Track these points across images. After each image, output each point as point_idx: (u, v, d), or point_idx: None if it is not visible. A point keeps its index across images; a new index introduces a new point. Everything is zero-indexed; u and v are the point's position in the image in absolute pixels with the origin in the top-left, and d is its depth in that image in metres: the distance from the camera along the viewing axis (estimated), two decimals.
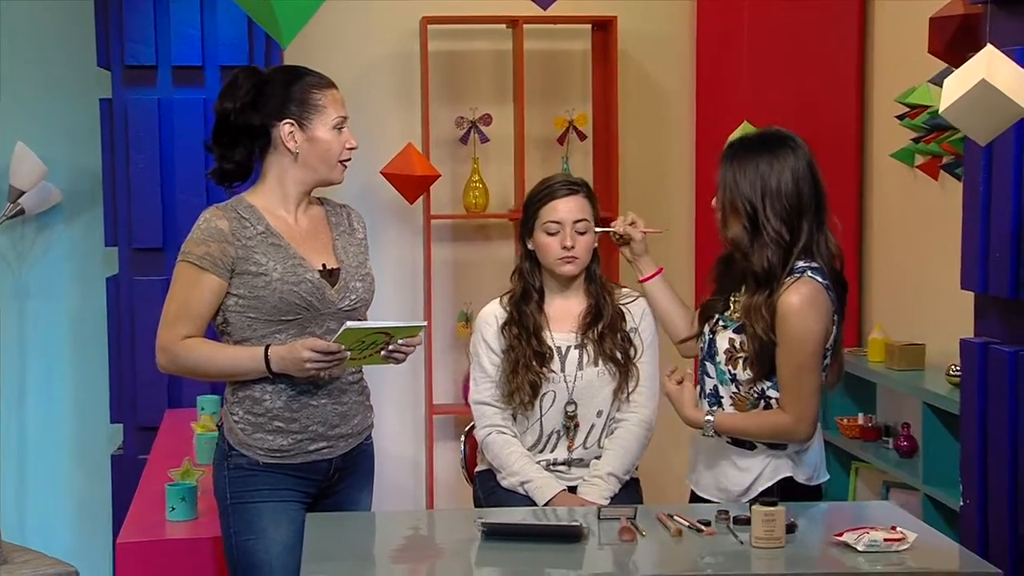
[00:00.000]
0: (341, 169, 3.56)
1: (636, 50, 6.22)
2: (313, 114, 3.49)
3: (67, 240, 6.13)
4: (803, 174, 3.57)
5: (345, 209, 3.70)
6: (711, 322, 3.72)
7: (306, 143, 3.49)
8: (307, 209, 3.59)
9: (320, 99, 3.49)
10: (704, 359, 3.71)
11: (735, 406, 3.64)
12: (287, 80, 3.51)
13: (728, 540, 3.22)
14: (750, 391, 3.62)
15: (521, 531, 3.25)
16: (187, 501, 3.91)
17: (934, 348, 5.26)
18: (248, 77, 3.53)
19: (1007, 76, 2.88)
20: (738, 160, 3.58)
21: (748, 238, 3.57)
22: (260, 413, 3.47)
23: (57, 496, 6.14)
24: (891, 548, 3.10)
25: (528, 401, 3.90)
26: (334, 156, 3.52)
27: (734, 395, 3.64)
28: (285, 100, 3.49)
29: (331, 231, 3.61)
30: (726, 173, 3.59)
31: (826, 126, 5.93)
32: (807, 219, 3.56)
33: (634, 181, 6.12)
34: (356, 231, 3.66)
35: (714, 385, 3.67)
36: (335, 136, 3.51)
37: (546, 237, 3.91)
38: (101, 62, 5.66)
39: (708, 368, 3.69)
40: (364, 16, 6.08)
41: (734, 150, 3.63)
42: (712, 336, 3.68)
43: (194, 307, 3.44)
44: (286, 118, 3.47)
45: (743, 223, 3.57)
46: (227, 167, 3.54)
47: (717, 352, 3.65)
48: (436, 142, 6.08)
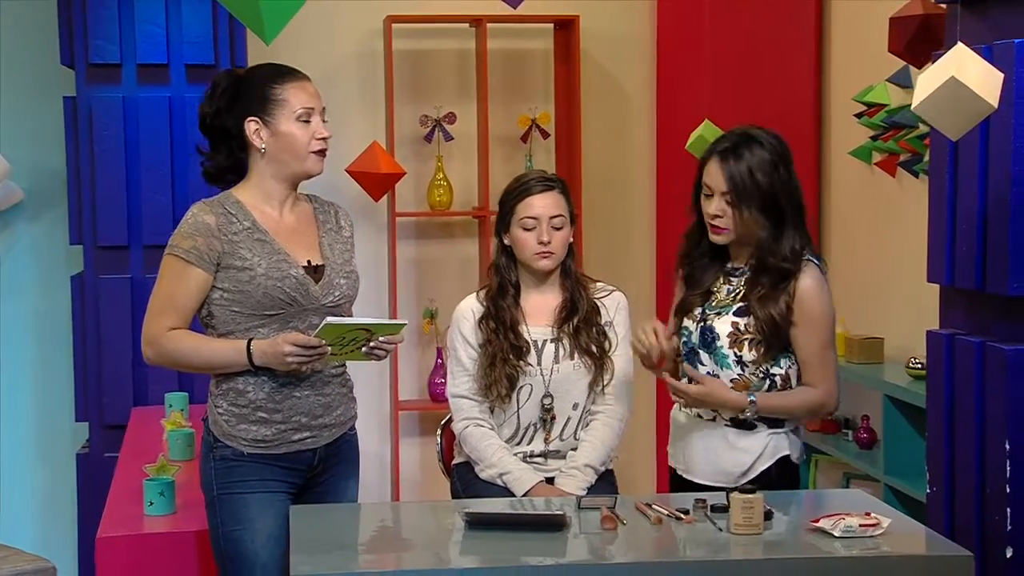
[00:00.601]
0: (315, 159, 3.57)
1: (598, 49, 6.29)
2: (275, 108, 3.52)
3: (29, 239, 6.11)
4: (791, 164, 3.73)
5: (333, 207, 3.74)
6: (693, 314, 3.79)
7: (271, 139, 3.53)
8: (294, 206, 3.63)
9: (279, 93, 3.52)
10: (694, 349, 3.78)
11: (733, 386, 3.73)
12: (251, 78, 3.56)
13: (707, 527, 3.29)
14: (756, 371, 3.72)
15: (504, 520, 3.30)
16: (165, 496, 3.93)
17: (892, 342, 5.36)
18: (224, 79, 3.58)
19: (976, 73, 2.96)
20: (746, 158, 3.66)
21: (771, 231, 3.68)
22: (243, 404, 3.50)
23: (20, 495, 6.11)
24: (866, 533, 3.18)
25: (505, 394, 3.95)
26: (301, 148, 3.53)
27: (736, 378, 3.73)
28: (249, 98, 3.53)
29: (318, 228, 3.65)
30: (736, 172, 3.65)
31: (785, 124, 5.91)
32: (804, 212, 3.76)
33: (596, 179, 6.19)
34: (343, 229, 3.70)
35: (709, 372, 3.75)
36: (301, 128, 3.52)
37: (523, 233, 3.96)
38: (65, 60, 5.65)
39: (701, 356, 3.77)
40: (329, 15, 6.10)
41: (735, 150, 3.68)
42: (704, 324, 3.76)
43: (180, 300, 3.48)
44: (250, 116, 3.51)
45: (764, 218, 3.67)
46: (211, 169, 3.59)
47: (717, 338, 3.73)
48: (400, 140, 6.12)
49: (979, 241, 3.57)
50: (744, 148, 3.68)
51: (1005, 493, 3.48)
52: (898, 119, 5.31)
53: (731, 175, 3.65)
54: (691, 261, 3.85)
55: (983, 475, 3.58)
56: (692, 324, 3.79)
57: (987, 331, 3.63)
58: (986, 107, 2.97)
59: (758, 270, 3.73)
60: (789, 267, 3.69)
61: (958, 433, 3.70)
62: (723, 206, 3.69)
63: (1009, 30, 3.50)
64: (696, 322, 3.78)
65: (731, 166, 3.66)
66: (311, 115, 3.54)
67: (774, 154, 3.68)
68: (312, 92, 3.57)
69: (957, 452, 3.71)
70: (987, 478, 3.57)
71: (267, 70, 3.59)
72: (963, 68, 2.95)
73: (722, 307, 3.76)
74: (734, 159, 3.66)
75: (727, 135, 3.79)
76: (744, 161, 3.66)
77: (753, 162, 3.65)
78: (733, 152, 3.68)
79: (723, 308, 3.75)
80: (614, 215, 6.30)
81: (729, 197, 3.67)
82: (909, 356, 5.00)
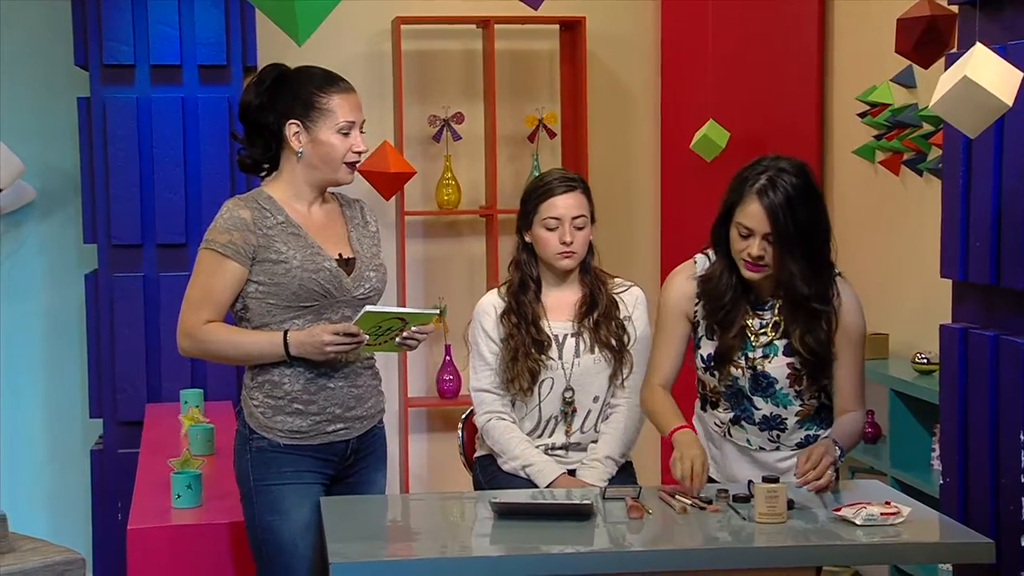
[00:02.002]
0: (347, 171, 3.64)
1: (603, 50, 6.36)
2: (318, 117, 3.58)
3: (41, 238, 6.16)
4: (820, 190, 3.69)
5: (358, 203, 3.81)
6: (737, 361, 3.70)
7: (310, 144, 3.59)
8: (323, 203, 3.70)
9: (326, 103, 3.58)
10: (742, 393, 3.73)
11: (799, 417, 3.73)
12: (300, 80, 3.61)
13: (732, 517, 3.37)
14: (812, 395, 3.73)
15: (531, 510, 3.37)
16: (193, 489, 3.99)
17: (897, 337, 5.45)
18: (270, 73, 3.63)
19: (993, 72, 3.04)
20: (784, 194, 3.54)
21: (809, 270, 3.60)
22: (279, 396, 3.57)
23: (34, 491, 6.16)
24: (887, 521, 3.26)
25: (527, 388, 4.03)
26: (337, 159, 3.61)
27: (800, 410, 3.73)
28: (293, 101, 3.59)
29: (346, 223, 3.72)
30: (778, 211, 3.53)
31: (789, 124, 6.12)
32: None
33: (602, 178, 6.26)
34: (369, 224, 3.77)
35: (766, 415, 3.73)
36: (340, 140, 3.59)
37: (545, 232, 4.03)
38: (79, 61, 5.71)
39: (755, 401, 3.72)
40: (338, 16, 6.03)
41: (772, 187, 3.55)
42: (755, 371, 3.69)
43: (216, 293, 3.54)
44: (292, 118, 3.58)
45: (802, 254, 3.58)
46: (247, 160, 3.66)
47: (775, 382, 3.69)
48: (409, 140, 6.19)
49: (993, 236, 3.65)
50: (781, 183, 3.55)
51: (1020, 483, 3.55)
52: (901, 118, 5.39)
53: (774, 215, 3.53)
54: (723, 305, 3.71)
55: (997, 466, 3.66)
56: (738, 371, 3.71)
57: (1001, 325, 3.71)
58: (1001, 106, 3.04)
59: (792, 304, 3.65)
60: (823, 304, 3.64)
61: (971, 425, 3.78)
62: (765, 245, 3.57)
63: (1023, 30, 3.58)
64: (744, 369, 3.70)
65: (773, 203, 3.53)
66: (352, 128, 3.61)
67: (809, 185, 3.59)
68: (356, 105, 3.64)
69: (971, 443, 3.79)
70: (1001, 468, 3.65)
71: (317, 75, 3.65)
72: (980, 67, 3.02)
73: (767, 349, 3.69)
74: (773, 195, 3.54)
75: (757, 169, 3.62)
76: (783, 196, 3.54)
77: (794, 199, 3.54)
78: (772, 188, 3.55)
79: (769, 350, 3.69)
80: (619, 214, 6.37)
81: (772, 237, 3.55)
82: (914, 351, 5.09)
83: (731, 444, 3.81)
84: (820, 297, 3.64)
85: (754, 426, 3.76)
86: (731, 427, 3.80)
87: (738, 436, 3.79)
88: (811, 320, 3.65)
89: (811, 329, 3.65)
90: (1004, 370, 3.62)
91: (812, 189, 3.61)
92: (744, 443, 3.79)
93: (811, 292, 3.62)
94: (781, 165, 3.60)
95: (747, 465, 3.77)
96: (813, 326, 3.65)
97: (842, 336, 3.68)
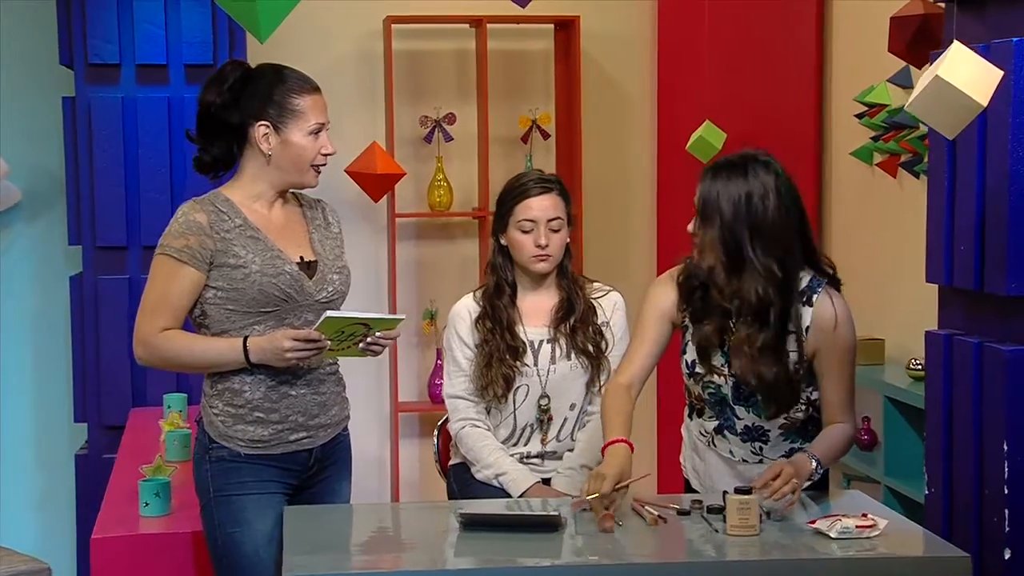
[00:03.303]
0: (314, 174, 3.56)
1: (598, 50, 6.28)
2: (290, 119, 3.49)
3: (27, 239, 6.10)
4: (786, 195, 3.50)
5: (320, 204, 3.72)
6: (721, 370, 3.59)
7: (279, 146, 3.50)
8: (283, 205, 3.61)
9: (299, 104, 3.50)
10: (729, 402, 3.61)
11: (783, 430, 3.61)
12: (270, 80, 3.51)
13: (703, 528, 3.27)
14: (796, 410, 3.59)
15: (499, 521, 3.29)
16: (161, 496, 3.92)
17: (893, 343, 5.34)
18: (233, 71, 3.53)
19: (969, 71, 2.93)
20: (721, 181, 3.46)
21: (725, 266, 3.48)
22: (240, 404, 3.48)
23: (19, 496, 6.11)
24: (863, 534, 3.16)
25: (502, 395, 3.94)
26: (306, 161, 3.52)
27: (784, 423, 3.61)
28: (264, 101, 3.49)
29: (307, 225, 3.63)
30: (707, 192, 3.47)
31: (786, 125, 6.02)
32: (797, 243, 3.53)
33: (597, 180, 6.17)
34: (331, 225, 3.69)
35: (747, 424, 3.62)
36: (310, 142, 3.51)
37: (520, 235, 3.95)
38: (63, 60, 5.64)
39: (737, 411, 3.61)
40: (328, 15, 6.10)
41: (716, 170, 3.49)
42: (736, 380, 3.56)
43: (173, 299, 3.45)
44: (262, 120, 3.48)
45: (721, 248, 3.46)
46: (206, 159, 3.56)
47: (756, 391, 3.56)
48: (400, 141, 6.11)
49: (977, 241, 3.54)
50: (727, 172, 3.48)
51: (1003, 494, 3.45)
52: (899, 119, 5.29)
53: (701, 193, 3.48)
54: (695, 296, 3.60)
55: (981, 476, 3.56)
56: (721, 379, 3.59)
57: (985, 332, 3.60)
58: (975, 105, 2.94)
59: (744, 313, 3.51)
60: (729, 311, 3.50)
61: (956, 434, 3.67)
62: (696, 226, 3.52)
63: (1006, 29, 3.48)
64: (727, 376, 3.58)
65: (705, 184, 3.48)
66: (321, 129, 3.53)
67: (761, 185, 3.45)
68: (324, 106, 3.56)
69: (955, 453, 3.68)
70: (985, 479, 3.54)
71: (287, 76, 3.54)
72: (956, 66, 2.92)
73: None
74: (711, 178, 3.49)
75: (729, 156, 3.58)
76: (719, 183, 3.47)
77: (729, 188, 3.45)
78: (713, 172, 3.50)
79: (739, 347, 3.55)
80: (614, 216, 6.28)
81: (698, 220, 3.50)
82: (910, 357, 4.98)
83: (715, 454, 3.71)
84: (740, 302, 3.48)
85: (736, 436, 3.66)
86: (715, 436, 3.70)
87: (722, 447, 3.70)
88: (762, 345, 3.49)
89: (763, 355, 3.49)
90: (988, 378, 3.52)
91: (756, 192, 3.44)
92: (727, 454, 3.69)
93: (723, 284, 3.49)
94: (749, 161, 3.49)
95: (729, 477, 3.66)
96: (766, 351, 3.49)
97: (827, 350, 3.54)
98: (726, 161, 3.53)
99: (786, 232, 3.50)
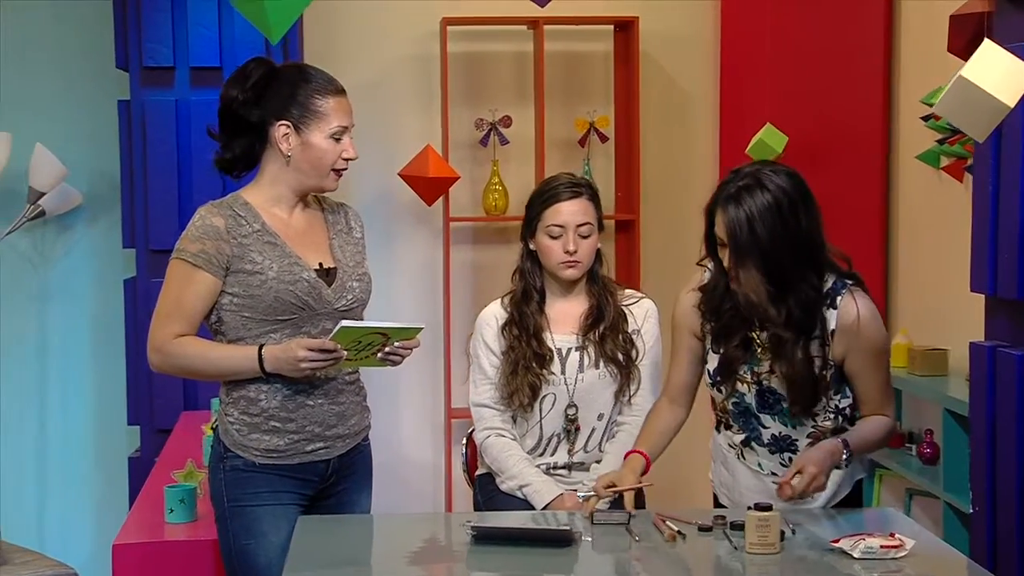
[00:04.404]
0: (334, 177, 3.47)
1: (659, 51, 6.16)
2: (312, 120, 3.41)
3: (88, 242, 6.13)
4: (805, 193, 3.35)
5: (343, 208, 3.65)
6: (744, 376, 3.48)
7: (300, 147, 3.43)
8: (304, 209, 3.54)
9: (322, 105, 3.41)
10: (754, 412, 3.51)
11: (812, 439, 3.47)
12: (293, 80, 3.43)
13: (723, 545, 3.16)
14: (825, 416, 3.47)
15: (511, 535, 3.19)
16: (186, 503, 3.88)
17: (958, 353, 5.15)
18: (257, 68, 3.45)
19: (998, 71, 2.79)
20: (746, 205, 3.29)
21: (772, 291, 3.34)
22: (256, 413, 3.42)
23: (77, 498, 6.15)
24: (888, 555, 3.02)
25: (527, 403, 3.84)
26: (327, 164, 3.44)
27: (812, 431, 3.48)
28: (287, 101, 3.42)
29: (328, 230, 3.56)
30: (736, 227, 3.29)
31: (852, 128, 5.86)
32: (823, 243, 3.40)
33: (656, 184, 6.06)
34: (353, 230, 3.61)
35: (775, 433, 3.51)
36: (331, 145, 3.43)
37: (548, 240, 3.85)
38: (120, 63, 5.66)
39: (763, 419, 3.50)
40: (384, 17, 6.05)
41: (736, 196, 3.31)
42: (761, 387, 3.46)
43: (187, 305, 3.39)
44: (283, 119, 3.41)
45: (763, 277, 3.31)
46: (226, 156, 3.50)
47: (783, 398, 3.44)
48: (456, 144, 6.03)
49: (1021, 249, 3.41)
50: (745, 192, 3.30)
51: None
52: None
53: (731, 229, 3.30)
54: (720, 316, 3.48)
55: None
56: (744, 386, 3.48)
57: None
58: (1001, 106, 2.80)
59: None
60: (788, 330, 3.36)
61: (1000, 450, 3.52)
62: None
63: None
64: (750, 384, 3.47)
65: (730, 213, 3.30)
66: (344, 133, 3.44)
67: (780, 200, 3.28)
68: (349, 109, 3.47)
69: (999, 469, 3.53)
70: None
71: (312, 76, 3.46)
72: (983, 66, 2.79)
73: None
74: (735, 208, 3.29)
75: (737, 176, 3.38)
76: (745, 211, 3.27)
77: (755, 214, 3.26)
78: (730, 198, 3.31)
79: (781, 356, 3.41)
80: (673, 222, 6.16)
81: (730, 251, 3.32)
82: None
83: (744, 467, 3.59)
84: (788, 323, 3.36)
85: (764, 448, 3.54)
86: (743, 449, 3.58)
87: (751, 459, 3.58)
88: (782, 346, 3.38)
89: (783, 355, 3.38)
90: None
91: (784, 204, 3.28)
92: (756, 467, 3.57)
93: (774, 315, 3.36)
94: (762, 173, 3.33)
95: (758, 492, 3.52)
96: (784, 352, 3.38)
97: (856, 351, 3.40)
98: (734, 183, 3.34)
99: (817, 235, 3.37)
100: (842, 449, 3.34)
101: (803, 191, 3.34)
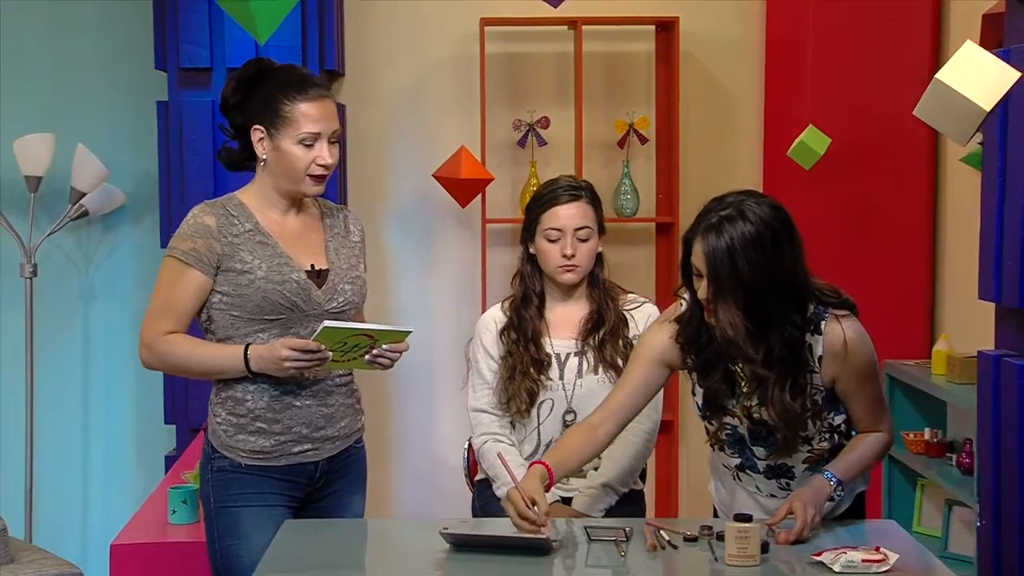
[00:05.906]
0: (312, 183, 3.42)
1: (700, 51, 6.07)
2: (282, 125, 3.39)
3: (131, 242, 6.17)
4: (785, 220, 3.18)
5: (342, 211, 3.63)
6: (733, 410, 3.36)
7: (273, 152, 3.42)
8: (300, 211, 3.53)
9: (289, 111, 3.37)
10: (747, 443, 3.39)
11: (808, 464, 3.40)
12: (272, 82, 3.42)
13: (703, 556, 3.09)
14: (820, 439, 3.36)
15: (486, 543, 3.15)
16: (188, 504, 3.89)
17: None
18: (247, 70, 3.46)
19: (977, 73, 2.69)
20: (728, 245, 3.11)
21: (751, 328, 3.17)
22: (242, 414, 3.41)
23: (118, 496, 6.19)
24: (869, 569, 2.94)
25: (525, 409, 3.80)
26: (300, 170, 3.40)
27: (808, 456, 3.39)
28: (261, 105, 3.41)
29: (324, 232, 3.54)
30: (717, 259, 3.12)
31: (898, 130, 5.73)
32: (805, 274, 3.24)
33: (697, 186, 5.97)
34: (352, 233, 3.59)
35: (775, 462, 3.41)
36: (302, 151, 3.39)
37: (547, 244, 3.80)
38: (158, 64, 5.69)
39: (756, 451, 3.38)
40: (423, 18, 6.03)
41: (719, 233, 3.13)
42: (752, 419, 3.33)
43: (178, 303, 3.39)
44: (257, 123, 3.41)
45: (744, 313, 3.14)
46: (223, 154, 3.52)
47: (775, 430, 3.30)
48: (494, 145, 5.99)
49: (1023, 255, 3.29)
50: (725, 221, 3.13)
51: None
52: None
53: (711, 261, 3.12)
54: (699, 349, 3.33)
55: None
56: (735, 420, 3.36)
57: None
58: (977, 110, 2.69)
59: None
60: (768, 368, 3.20)
61: (1005, 461, 3.41)
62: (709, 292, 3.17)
63: None
64: (741, 417, 3.35)
65: (709, 243, 3.13)
66: (316, 140, 3.40)
67: (762, 234, 3.10)
68: (323, 115, 3.40)
69: (1004, 482, 3.42)
70: None
71: (287, 78, 3.43)
72: (962, 68, 2.69)
73: (760, 395, 3.29)
74: (714, 235, 3.13)
75: (719, 205, 3.21)
76: (724, 238, 3.11)
77: (735, 238, 3.10)
78: (710, 228, 3.15)
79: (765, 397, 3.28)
80: None
81: (709, 284, 3.15)
82: None
83: (741, 488, 3.51)
84: (767, 361, 3.20)
85: (760, 474, 3.45)
86: (739, 472, 3.49)
87: (747, 482, 3.50)
88: (764, 387, 3.24)
89: (768, 398, 3.24)
90: None
91: (767, 238, 3.10)
92: (753, 489, 3.49)
93: (752, 353, 3.20)
94: (745, 205, 3.16)
95: (756, 511, 3.43)
96: (769, 394, 3.24)
97: (845, 374, 3.27)
98: (715, 212, 3.18)
99: (801, 271, 3.20)
100: (832, 489, 3.24)
101: (787, 225, 3.16)
